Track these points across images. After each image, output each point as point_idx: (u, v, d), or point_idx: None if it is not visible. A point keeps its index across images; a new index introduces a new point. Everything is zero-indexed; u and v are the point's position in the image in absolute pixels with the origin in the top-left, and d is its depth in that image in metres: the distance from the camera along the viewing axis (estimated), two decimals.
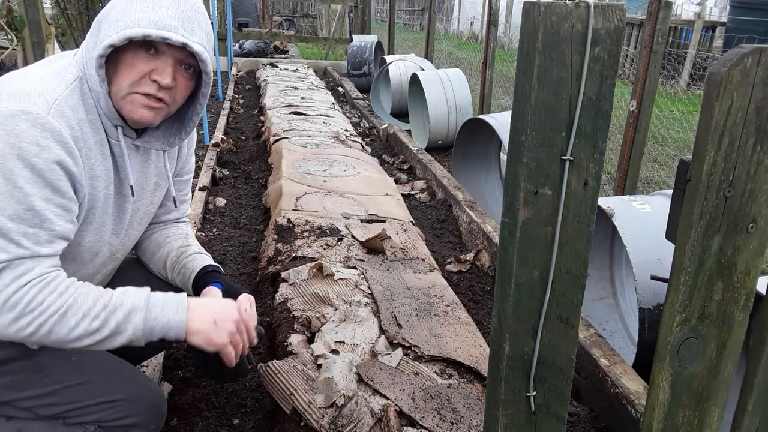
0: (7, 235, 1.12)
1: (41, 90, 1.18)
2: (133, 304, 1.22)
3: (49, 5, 5.95)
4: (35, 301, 1.13)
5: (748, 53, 0.83)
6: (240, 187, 4.02)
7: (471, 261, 2.97)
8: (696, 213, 0.90)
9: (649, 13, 3.14)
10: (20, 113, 1.13)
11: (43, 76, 1.21)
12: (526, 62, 0.85)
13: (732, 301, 0.97)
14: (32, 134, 1.13)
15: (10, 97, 1.15)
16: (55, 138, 1.16)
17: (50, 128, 1.15)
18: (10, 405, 1.30)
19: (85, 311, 1.17)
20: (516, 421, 1.01)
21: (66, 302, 1.16)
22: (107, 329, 1.19)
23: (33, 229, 1.14)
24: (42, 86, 1.19)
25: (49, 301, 1.14)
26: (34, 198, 1.13)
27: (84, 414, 1.32)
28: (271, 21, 13.55)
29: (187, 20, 1.23)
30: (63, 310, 1.15)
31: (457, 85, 5.35)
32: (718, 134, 0.87)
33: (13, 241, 1.12)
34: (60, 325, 1.15)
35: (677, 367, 0.99)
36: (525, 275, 0.92)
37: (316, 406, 1.61)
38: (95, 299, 1.19)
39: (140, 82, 1.24)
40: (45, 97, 1.17)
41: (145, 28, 1.18)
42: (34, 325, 1.14)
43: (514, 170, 0.89)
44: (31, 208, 1.13)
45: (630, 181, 3.39)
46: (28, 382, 1.29)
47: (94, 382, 1.34)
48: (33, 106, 1.14)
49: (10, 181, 1.11)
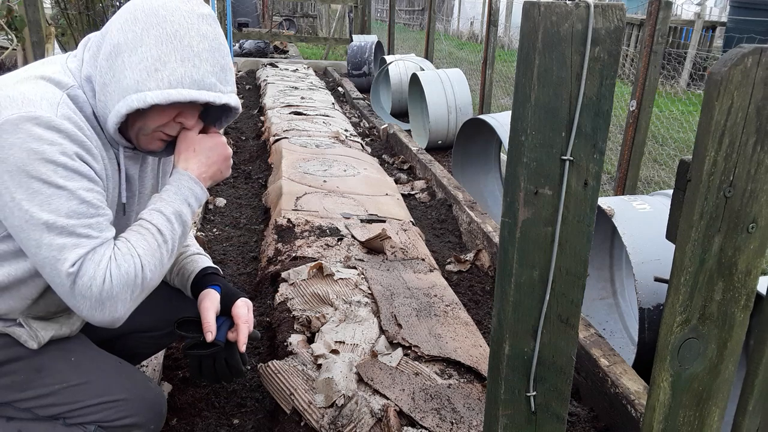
0: (74, 231, 1.14)
1: (42, 94, 1.17)
2: (174, 209, 1.28)
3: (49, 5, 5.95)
4: (120, 279, 1.17)
5: (748, 53, 0.83)
6: (240, 187, 4.02)
7: (471, 261, 2.97)
8: (696, 213, 0.90)
9: (649, 13, 3.14)
10: (30, 119, 1.12)
11: (36, 80, 1.20)
12: (526, 62, 0.85)
13: (733, 302, 0.97)
14: (49, 136, 1.12)
15: (12, 104, 1.13)
16: (71, 138, 1.16)
17: (63, 129, 1.15)
18: (11, 406, 1.30)
19: (154, 250, 1.23)
20: (516, 421, 1.01)
21: (138, 259, 1.20)
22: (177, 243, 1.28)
23: (93, 219, 1.17)
24: (41, 91, 1.17)
25: (129, 271, 1.18)
26: (80, 191, 1.15)
27: (84, 414, 1.32)
28: (271, 21, 13.55)
29: (222, 71, 1.24)
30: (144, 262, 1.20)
31: (457, 85, 5.35)
32: (718, 134, 0.86)
33: (81, 235, 1.15)
34: (149, 275, 1.21)
35: (678, 368, 0.99)
36: (525, 275, 0.92)
37: (316, 406, 1.61)
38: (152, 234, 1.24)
39: (166, 125, 1.27)
40: (48, 101, 1.16)
41: (189, 90, 1.19)
42: (130, 292, 1.18)
43: (514, 170, 0.89)
44: (83, 200, 1.15)
45: (630, 181, 3.39)
46: (28, 383, 1.29)
47: (93, 382, 1.34)
48: (39, 110, 1.13)
49: (51, 184, 1.12)
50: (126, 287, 1.18)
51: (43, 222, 1.11)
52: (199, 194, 1.32)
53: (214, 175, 1.37)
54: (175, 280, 1.59)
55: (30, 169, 1.10)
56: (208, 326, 1.41)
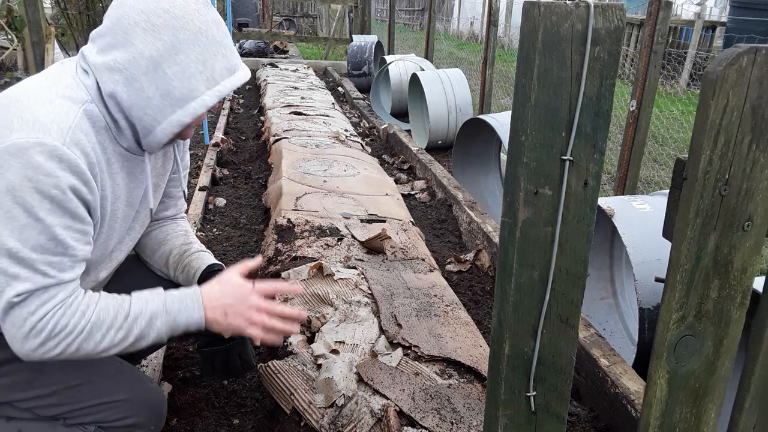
0: (33, 265, 1.13)
1: (54, 117, 1.15)
2: (153, 310, 1.26)
3: (49, 5, 5.95)
4: (60, 325, 1.16)
5: (744, 52, 0.84)
6: (240, 187, 4.02)
7: (471, 261, 2.97)
8: (692, 211, 0.90)
9: (649, 13, 3.15)
10: (35, 145, 1.11)
11: (51, 99, 1.18)
12: (526, 62, 0.85)
13: (729, 299, 0.98)
14: (49, 166, 1.12)
15: (23, 126, 1.13)
16: (72, 169, 1.15)
17: (66, 159, 1.14)
18: (11, 405, 1.31)
19: (109, 325, 1.21)
20: (516, 421, 1.01)
21: (90, 320, 1.19)
22: (132, 337, 1.24)
23: (57, 257, 1.15)
24: (54, 113, 1.16)
25: (73, 323, 1.17)
26: (55, 228, 1.14)
27: (84, 414, 1.33)
28: (271, 21, 13.56)
29: (232, 45, 1.29)
30: (88, 329, 1.19)
31: (457, 85, 5.35)
32: (714, 133, 0.87)
33: (38, 271, 1.14)
34: (87, 342, 1.19)
35: (674, 365, 1.00)
36: (525, 275, 0.93)
37: (316, 406, 1.62)
38: (116, 311, 1.23)
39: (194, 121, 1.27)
40: (59, 125, 1.15)
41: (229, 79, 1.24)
42: (62, 346, 1.17)
43: (514, 170, 0.90)
44: (53, 237, 1.14)
45: (630, 181, 3.40)
46: (28, 383, 1.30)
47: (94, 382, 1.34)
48: (47, 137, 1.12)
49: (30, 214, 1.11)
50: (57, 337, 1.16)
51: (7, 248, 1.11)
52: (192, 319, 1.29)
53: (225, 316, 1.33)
54: (180, 276, 1.59)
55: (18, 194, 1.10)
56: None
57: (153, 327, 1.25)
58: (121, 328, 1.22)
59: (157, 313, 1.26)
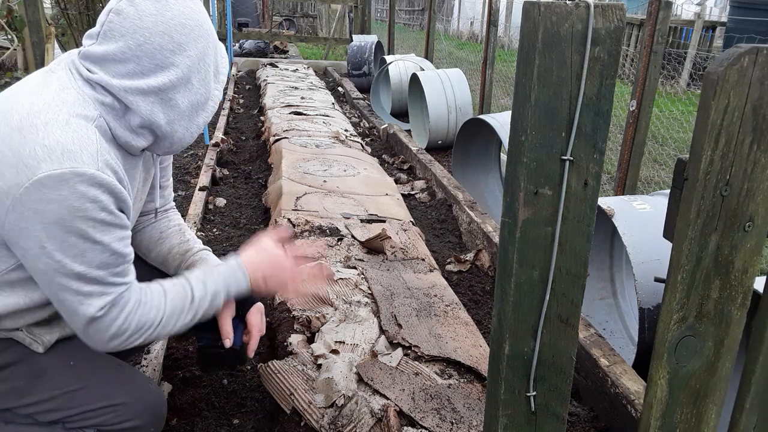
0: (103, 281, 1.19)
1: (79, 143, 1.14)
2: (214, 290, 1.38)
3: (49, 5, 5.95)
4: (141, 322, 1.26)
5: (745, 53, 0.84)
6: (240, 187, 4.02)
7: (471, 261, 2.97)
8: (693, 211, 0.90)
9: (649, 13, 3.15)
10: (73, 176, 1.11)
11: (68, 120, 1.16)
12: (526, 62, 0.85)
13: (729, 300, 0.98)
14: (92, 194, 1.13)
15: (51, 155, 1.10)
16: (111, 191, 1.17)
17: (105, 183, 1.15)
18: (10, 412, 1.30)
19: (180, 311, 1.32)
20: (516, 421, 1.01)
21: (165, 312, 1.29)
22: (198, 316, 1.36)
23: (119, 267, 1.22)
24: (77, 138, 1.14)
25: (152, 317, 1.27)
26: (113, 244, 1.19)
27: (84, 419, 1.32)
28: (271, 21, 13.56)
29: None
30: (164, 320, 1.29)
31: (457, 85, 5.35)
32: (714, 133, 0.87)
33: (109, 283, 1.20)
34: (164, 329, 1.30)
35: (675, 365, 1.00)
36: (525, 275, 0.93)
37: (316, 406, 1.62)
38: (183, 299, 1.33)
39: None
40: (88, 150, 1.14)
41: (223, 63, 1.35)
42: (143, 337, 1.27)
43: (514, 170, 0.90)
44: (113, 252, 1.20)
45: (630, 181, 3.40)
46: (27, 388, 1.29)
47: (92, 386, 1.34)
48: (81, 165, 1.12)
49: (87, 239, 1.15)
50: (138, 332, 1.26)
51: (75, 273, 1.15)
52: (242, 289, 1.43)
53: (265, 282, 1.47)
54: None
55: (68, 224, 1.12)
56: (226, 334, 1.47)
57: (214, 304, 1.38)
58: (190, 311, 1.33)
59: (217, 292, 1.38)
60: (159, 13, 1.20)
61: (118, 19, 1.18)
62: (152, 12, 1.19)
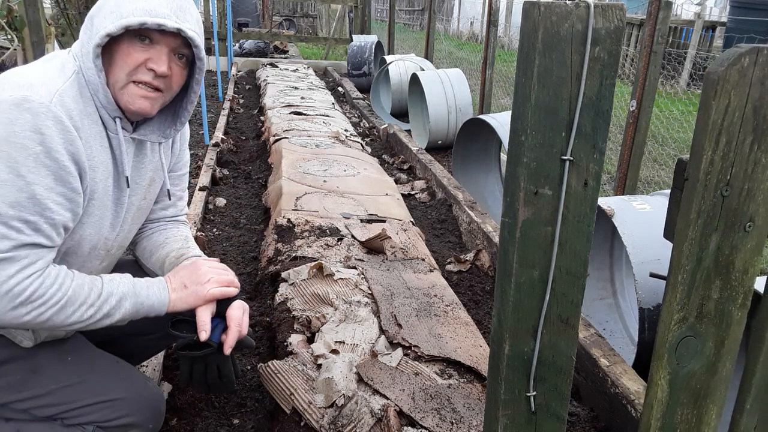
0: (7, 222, 1.13)
1: (43, 80, 1.20)
2: (123, 291, 1.31)
3: (49, 5, 5.95)
4: (37, 293, 1.17)
5: (746, 53, 0.84)
6: (240, 187, 4.02)
7: (471, 261, 2.97)
8: (694, 212, 0.90)
9: (649, 13, 3.15)
10: (23, 101, 1.14)
11: (44, 69, 1.24)
12: (526, 62, 0.85)
13: (730, 300, 0.97)
14: (35, 122, 1.14)
15: (13, 87, 1.16)
16: (58, 126, 1.17)
17: (53, 116, 1.16)
18: (8, 407, 1.30)
19: (82, 301, 1.24)
20: (516, 421, 1.01)
21: (66, 294, 1.21)
22: (99, 314, 1.27)
23: (33, 216, 1.15)
24: (43, 77, 1.21)
25: (50, 293, 1.18)
26: (35, 186, 1.15)
27: (82, 414, 1.32)
28: (271, 21, 13.56)
29: (179, 9, 1.28)
30: (63, 302, 1.21)
31: (457, 85, 5.35)
32: (715, 133, 0.87)
33: (13, 227, 1.13)
34: (58, 314, 1.21)
35: (675, 366, 1.00)
36: (525, 275, 0.93)
37: (316, 406, 1.62)
38: (90, 289, 1.26)
39: (137, 70, 1.27)
40: (47, 87, 1.19)
41: (140, 17, 1.22)
42: (33, 314, 1.18)
43: (514, 170, 0.90)
44: (32, 196, 1.15)
45: (630, 181, 3.40)
46: (24, 383, 1.29)
47: (90, 381, 1.34)
48: (35, 94, 1.16)
49: (12, 170, 1.12)
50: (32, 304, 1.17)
51: None
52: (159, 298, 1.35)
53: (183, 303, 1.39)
54: None
55: (6, 149, 1.12)
56: (203, 325, 1.40)
57: (121, 308, 1.29)
58: (93, 305, 1.25)
59: (126, 295, 1.31)
60: None
61: None
62: None
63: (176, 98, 1.40)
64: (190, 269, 1.43)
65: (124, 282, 1.33)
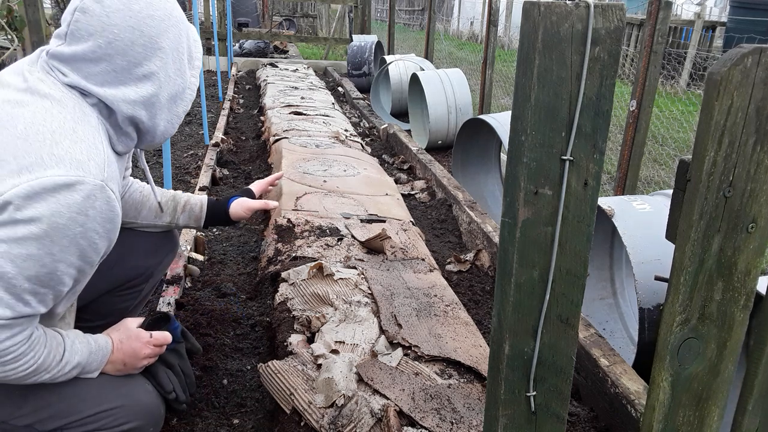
0: (20, 295, 1.10)
1: (89, 153, 1.12)
2: (78, 361, 1.28)
3: (49, 5, 5.95)
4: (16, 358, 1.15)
5: (748, 53, 0.83)
6: (240, 187, 4.02)
7: (471, 261, 2.97)
8: (696, 213, 0.90)
9: (649, 13, 3.15)
10: (76, 184, 1.08)
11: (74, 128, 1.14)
12: (526, 62, 0.85)
13: (732, 301, 0.97)
14: (84, 205, 1.09)
15: (60, 163, 1.08)
16: (106, 206, 1.13)
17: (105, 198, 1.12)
18: (9, 424, 1.29)
19: (45, 368, 1.21)
20: (516, 421, 1.01)
21: (36, 363, 1.19)
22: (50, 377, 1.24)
23: (44, 289, 1.13)
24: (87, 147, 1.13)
25: (25, 360, 1.17)
26: (59, 264, 1.11)
27: (83, 425, 1.31)
28: (271, 21, 13.55)
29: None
30: (32, 369, 1.19)
31: (457, 85, 5.35)
32: (718, 134, 0.87)
33: (21, 300, 1.11)
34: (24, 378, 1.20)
35: (677, 367, 0.99)
36: (525, 275, 0.92)
37: (316, 406, 1.61)
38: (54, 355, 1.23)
39: None
40: (95, 161, 1.12)
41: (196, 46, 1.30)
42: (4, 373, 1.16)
43: (514, 170, 0.89)
44: (53, 272, 1.12)
45: (630, 181, 3.39)
46: (23, 398, 1.28)
47: (89, 392, 1.33)
48: (88, 174, 1.10)
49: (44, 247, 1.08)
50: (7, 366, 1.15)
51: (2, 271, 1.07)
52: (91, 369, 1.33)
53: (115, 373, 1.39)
54: (181, 218, 1.72)
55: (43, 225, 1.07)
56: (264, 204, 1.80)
57: (69, 374, 1.28)
58: (51, 371, 1.23)
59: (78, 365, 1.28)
60: (126, 7, 1.16)
61: (85, 17, 1.15)
62: (119, 7, 1.16)
63: None
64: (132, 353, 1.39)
65: (82, 350, 1.29)
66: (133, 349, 1.40)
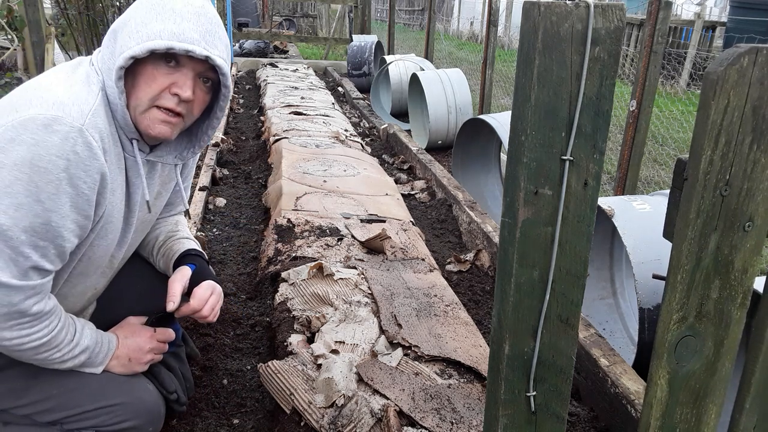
0: (18, 248, 1.11)
1: (75, 99, 1.14)
2: (86, 344, 1.31)
3: (49, 5, 5.95)
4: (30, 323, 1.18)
5: (745, 53, 0.84)
6: (240, 187, 4.02)
7: (471, 261, 2.97)
8: (693, 211, 0.90)
9: (649, 13, 3.15)
10: (53, 122, 1.09)
11: (71, 84, 1.18)
12: (526, 62, 0.85)
13: (729, 300, 0.98)
14: (63, 147, 1.09)
15: (43, 103, 1.11)
16: (87, 152, 1.13)
17: (84, 141, 1.12)
18: (8, 412, 1.30)
19: (57, 344, 1.24)
20: (516, 421, 1.01)
21: (51, 333, 1.22)
22: (59, 359, 1.27)
23: (44, 242, 1.14)
24: (73, 94, 1.15)
25: (39, 328, 1.19)
26: (52, 214, 1.12)
27: (82, 419, 1.32)
28: (271, 21, 13.55)
29: (208, 33, 1.22)
30: (44, 341, 1.21)
31: (457, 85, 5.35)
32: (714, 133, 0.87)
33: (21, 254, 1.11)
34: (33, 350, 1.21)
35: (675, 365, 1.00)
36: (525, 275, 0.93)
37: (316, 406, 1.62)
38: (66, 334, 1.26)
39: (161, 95, 1.22)
40: (80, 107, 1.14)
41: (168, 41, 1.16)
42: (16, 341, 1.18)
43: (514, 170, 0.90)
44: (47, 222, 1.12)
45: (630, 181, 3.40)
46: (24, 389, 1.29)
47: (90, 386, 1.34)
48: (67, 115, 1.11)
49: (31, 194, 1.09)
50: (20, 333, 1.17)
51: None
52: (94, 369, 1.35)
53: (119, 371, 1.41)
54: (160, 262, 1.59)
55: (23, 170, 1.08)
56: (171, 296, 1.40)
57: (75, 359, 1.29)
58: (61, 348, 1.26)
59: (86, 349, 1.31)
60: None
61: None
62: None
63: (196, 120, 1.35)
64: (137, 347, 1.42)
65: (90, 335, 1.32)
66: (137, 344, 1.42)
